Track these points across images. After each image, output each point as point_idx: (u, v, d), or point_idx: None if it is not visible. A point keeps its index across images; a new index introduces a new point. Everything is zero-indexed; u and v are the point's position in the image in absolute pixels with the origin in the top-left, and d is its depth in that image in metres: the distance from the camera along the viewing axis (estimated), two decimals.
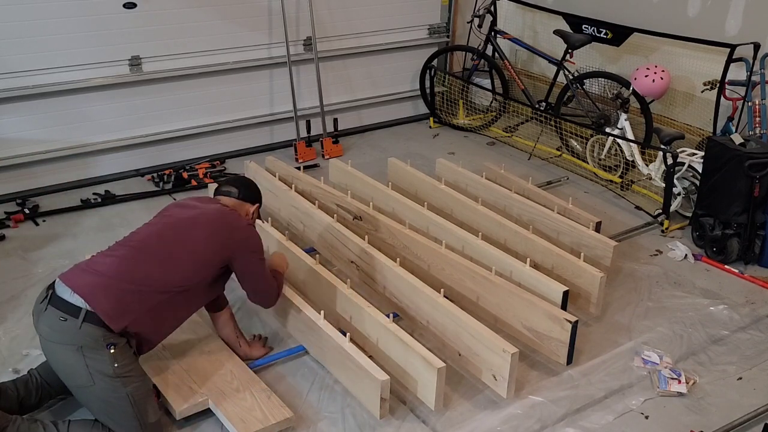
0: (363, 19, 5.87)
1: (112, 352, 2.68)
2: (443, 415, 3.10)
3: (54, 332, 2.69)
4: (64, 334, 2.67)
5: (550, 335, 3.33)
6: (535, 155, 5.70)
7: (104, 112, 4.98)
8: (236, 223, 3.06)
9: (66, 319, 2.67)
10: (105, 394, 2.70)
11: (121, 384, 2.70)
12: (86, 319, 2.67)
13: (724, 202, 4.24)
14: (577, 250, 3.99)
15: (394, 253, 3.91)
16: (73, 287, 2.72)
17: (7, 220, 4.49)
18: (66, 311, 2.68)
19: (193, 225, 2.97)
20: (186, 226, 2.97)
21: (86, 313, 2.67)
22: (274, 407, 2.95)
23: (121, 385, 2.70)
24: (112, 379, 2.68)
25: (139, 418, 2.75)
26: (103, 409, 2.75)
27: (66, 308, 2.69)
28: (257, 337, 3.46)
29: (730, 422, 3.11)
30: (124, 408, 2.72)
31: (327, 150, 5.63)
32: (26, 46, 4.56)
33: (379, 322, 3.22)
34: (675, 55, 5.34)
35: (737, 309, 3.90)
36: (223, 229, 2.99)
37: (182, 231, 2.95)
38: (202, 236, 2.94)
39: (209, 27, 5.17)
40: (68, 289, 2.72)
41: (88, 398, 2.76)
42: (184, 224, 2.98)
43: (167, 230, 2.97)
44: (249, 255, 3.06)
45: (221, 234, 2.98)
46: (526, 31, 6.39)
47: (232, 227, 3.03)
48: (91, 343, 2.66)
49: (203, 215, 3.02)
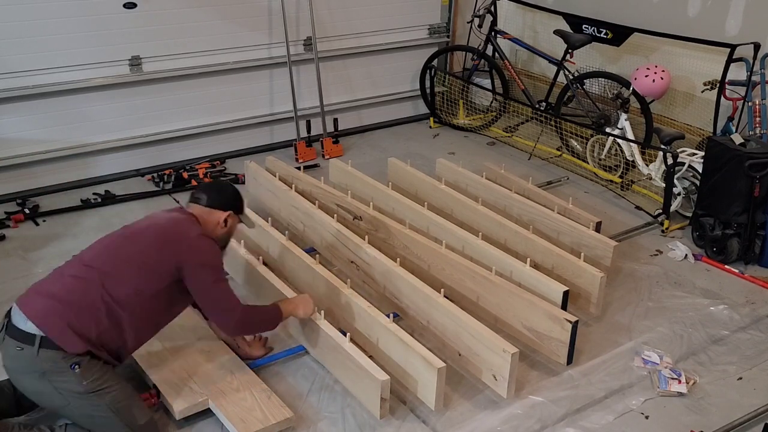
0: (363, 19, 5.87)
1: (77, 372, 2.62)
2: (443, 415, 3.10)
3: (14, 362, 2.66)
4: (24, 362, 2.63)
5: (550, 335, 3.33)
6: (535, 155, 5.70)
7: (104, 112, 4.98)
8: (185, 233, 2.88)
9: (22, 348, 2.61)
10: (83, 410, 2.68)
11: (96, 398, 2.65)
12: (42, 345, 2.60)
13: (724, 202, 4.24)
14: (577, 250, 3.99)
15: (394, 253, 3.91)
16: (27, 314, 2.65)
17: (7, 220, 4.50)
18: (21, 340, 2.62)
19: (142, 236, 2.87)
20: (135, 238, 2.87)
21: (41, 339, 2.60)
22: (274, 407, 2.95)
23: (97, 399, 2.65)
24: (86, 396, 2.64)
25: (128, 423, 2.71)
26: (90, 423, 2.73)
27: (21, 337, 2.62)
28: (257, 338, 3.43)
29: (730, 422, 3.11)
30: (109, 418, 2.68)
31: (327, 150, 5.63)
32: (26, 46, 4.56)
33: (379, 322, 3.22)
34: (675, 55, 5.34)
35: (737, 309, 3.90)
36: (168, 239, 2.85)
37: (131, 243, 2.85)
38: (146, 246, 2.83)
39: (209, 27, 5.17)
40: (23, 316, 2.65)
41: (71, 416, 2.74)
42: (134, 236, 2.88)
43: (118, 244, 2.87)
44: (197, 268, 2.84)
45: (165, 244, 2.84)
46: (526, 31, 6.39)
47: (179, 237, 2.87)
48: (53, 367, 2.61)
49: (154, 225, 2.92)
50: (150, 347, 3.19)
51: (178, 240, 2.86)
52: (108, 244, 2.88)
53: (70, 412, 2.71)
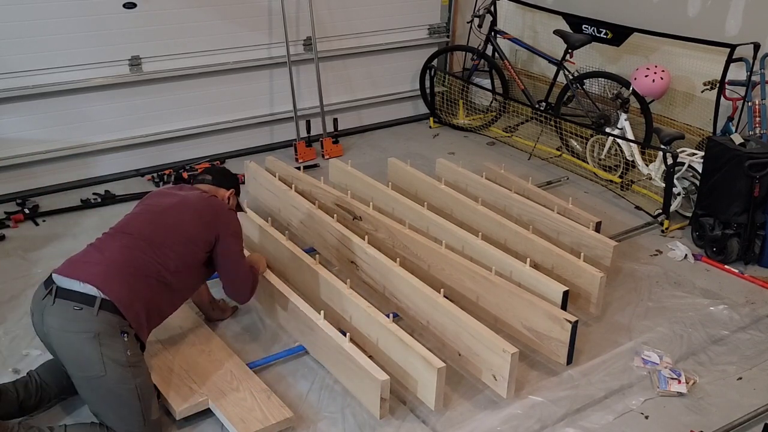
0: (363, 19, 5.87)
1: (126, 340, 2.73)
2: (443, 415, 3.10)
3: (68, 322, 2.70)
4: (80, 323, 2.69)
5: (550, 335, 3.33)
6: (535, 155, 5.70)
7: (104, 112, 4.99)
8: (218, 206, 3.20)
9: (81, 308, 2.70)
10: (115, 384, 2.70)
11: (131, 375, 2.72)
12: (102, 307, 2.71)
13: (724, 202, 4.24)
14: (577, 250, 3.99)
15: (394, 253, 3.91)
16: (83, 279, 2.75)
17: (7, 220, 4.50)
18: (80, 301, 2.71)
19: (180, 210, 3.09)
20: (174, 212, 3.08)
21: (101, 301, 2.71)
22: (274, 407, 2.95)
23: (132, 376, 2.72)
24: (124, 368, 2.70)
25: (144, 413, 2.75)
26: (110, 403, 2.74)
27: (79, 298, 2.72)
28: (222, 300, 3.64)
29: (730, 422, 3.11)
30: (131, 401, 2.72)
31: (327, 150, 5.63)
32: (26, 46, 4.56)
33: (379, 322, 3.22)
34: (675, 55, 5.34)
35: (737, 309, 3.90)
36: (207, 212, 3.13)
37: (171, 217, 3.06)
38: (189, 220, 3.06)
39: (209, 27, 5.17)
40: (76, 281, 2.75)
41: (96, 391, 2.73)
42: (172, 211, 3.09)
43: (157, 218, 3.06)
44: (230, 238, 3.15)
45: (206, 216, 3.11)
46: (526, 31, 6.39)
47: (215, 209, 3.17)
48: (108, 330, 2.70)
49: (186, 200, 3.14)
50: (150, 347, 3.20)
51: (216, 213, 3.15)
52: (148, 219, 3.06)
53: (98, 385, 2.71)
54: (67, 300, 2.72)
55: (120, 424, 2.75)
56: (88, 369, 2.70)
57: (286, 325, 3.52)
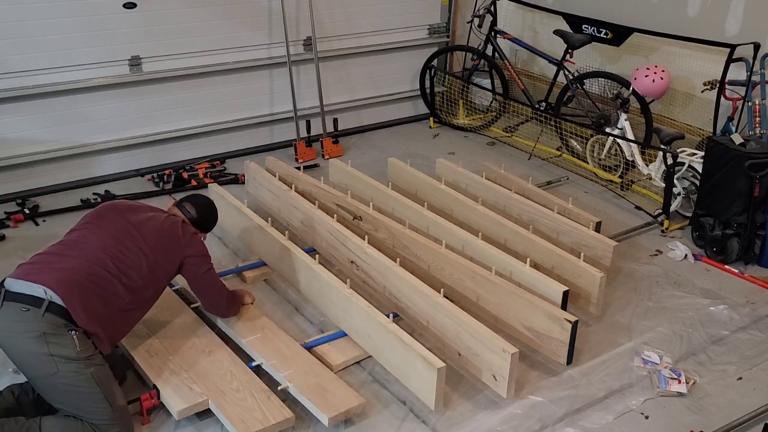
0: (363, 19, 5.87)
1: (74, 336, 2.73)
2: (443, 415, 3.10)
3: (15, 323, 2.72)
4: (27, 323, 2.70)
5: (550, 335, 3.33)
6: (535, 155, 5.70)
7: (104, 112, 4.98)
8: (183, 233, 3.18)
9: (28, 309, 2.70)
10: (69, 379, 2.71)
11: (84, 365, 2.72)
12: (48, 309, 2.71)
13: (724, 202, 4.24)
14: (577, 250, 3.99)
15: (393, 253, 3.91)
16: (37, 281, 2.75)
17: (7, 220, 4.50)
18: (27, 302, 2.72)
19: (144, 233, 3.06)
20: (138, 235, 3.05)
21: (48, 303, 2.72)
22: (274, 407, 2.94)
23: (84, 367, 2.72)
24: (75, 362, 2.71)
25: (108, 399, 2.76)
26: (71, 398, 2.75)
27: (27, 300, 2.72)
28: None
29: (730, 422, 3.11)
30: (91, 390, 2.73)
31: (327, 150, 5.63)
32: (26, 46, 4.56)
33: (378, 322, 3.22)
34: (675, 55, 5.34)
35: (737, 309, 3.90)
36: (172, 241, 3.12)
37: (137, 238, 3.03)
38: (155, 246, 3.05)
39: (209, 27, 5.17)
40: (28, 283, 2.76)
41: (54, 389, 2.75)
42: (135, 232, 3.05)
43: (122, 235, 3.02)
44: (194, 259, 3.18)
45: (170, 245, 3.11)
46: (526, 31, 6.39)
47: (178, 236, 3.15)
48: (54, 330, 2.70)
49: (153, 223, 3.12)
50: (150, 347, 3.20)
51: (178, 240, 3.15)
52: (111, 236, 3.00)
53: (54, 383, 2.72)
54: (16, 302, 2.73)
55: (89, 415, 2.75)
56: (39, 368, 2.72)
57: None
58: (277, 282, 3.97)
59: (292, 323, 3.65)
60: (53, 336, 2.69)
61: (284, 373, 3.10)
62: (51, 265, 2.86)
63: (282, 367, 3.14)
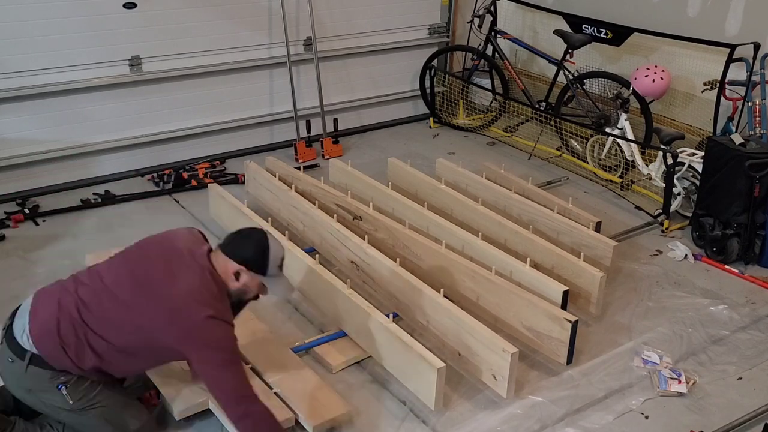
0: (363, 19, 5.87)
1: (64, 393, 2.58)
2: (443, 415, 3.10)
3: (5, 372, 2.64)
4: (13, 376, 2.62)
5: (550, 335, 3.33)
6: (535, 155, 5.70)
7: (104, 112, 4.98)
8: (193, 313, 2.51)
9: (13, 361, 2.57)
10: (73, 420, 2.68)
11: (85, 413, 2.64)
12: (31, 362, 2.55)
13: (724, 202, 4.24)
14: (577, 250, 3.99)
15: (394, 253, 3.91)
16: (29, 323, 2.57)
17: (7, 220, 4.49)
18: (14, 352, 2.57)
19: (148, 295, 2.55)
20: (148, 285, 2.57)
21: (31, 356, 2.55)
22: (273, 408, 2.94)
23: (85, 412, 2.64)
24: (74, 412, 2.63)
25: (123, 428, 2.70)
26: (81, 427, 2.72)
27: (15, 349, 2.57)
28: None
29: (730, 422, 3.11)
30: (100, 427, 2.67)
31: (327, 150, 5.63)
32: (26, 46, 4.56)
33: (379, 322, 3.22)
34: (675, 55, 5.34)
35: (737, 309, 3.90)
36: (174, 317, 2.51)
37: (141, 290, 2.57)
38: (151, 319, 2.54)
39: (209, 27, 5.17)
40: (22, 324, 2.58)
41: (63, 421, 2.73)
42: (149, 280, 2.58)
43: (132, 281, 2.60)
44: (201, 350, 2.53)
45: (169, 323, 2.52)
46: (526, 31, 6.39)
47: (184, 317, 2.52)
48: (40, 386, 2.58)
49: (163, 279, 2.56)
50: None
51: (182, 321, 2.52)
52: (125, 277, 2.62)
53: (61, 419, 2.72)
54: (7, 347, 2.59)
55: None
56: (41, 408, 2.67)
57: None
58: None
59: (292, 323, 3.65)
60: (42, 392, 2.59)
61: (272, 378, 3.10)
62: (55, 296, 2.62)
63: (271, 372, 3.13)
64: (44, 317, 2.58)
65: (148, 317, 2.54)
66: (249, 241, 2.71)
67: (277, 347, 3.31)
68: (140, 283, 2.58)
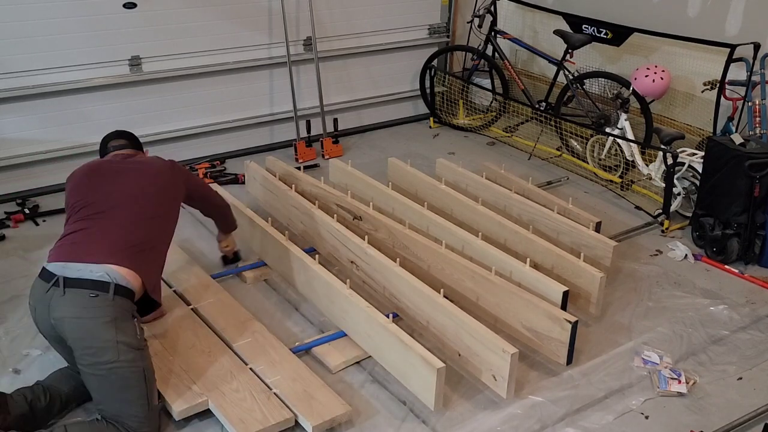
0: (363, 19, 5.87)
1: (136, 322, 2.84)
2: (443, 415, 3.10)
3: (84, 309, 2.73)
4: (97, 309, 2.74)
5: (549, 335, 3.33)
6: (535, 155, 5.70)
7: (104, 112, 4.98)
8: (166, 163, 3.32)
9: (97, 295, 2.75)
10: (125, 369, 2.73)
11: (140, 357, 2.79)
12: (116, 292, 2.78)
13: (724, 202, 4.24)
14: (577, 250, 3.99)
15: (393, 253, 3.91)
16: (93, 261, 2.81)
17: (7, 220, 4.50)
18: (94, 288, 2.76)
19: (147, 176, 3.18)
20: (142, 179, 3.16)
21: (115, 286, 2.78)
22: (273, 408, 2.94)
23: (140, 359, 2.79)
24: (135, 351, 2.77)
25: (148, 397, 2.80)
26: (118, 388, 2.74)
27: (92, 285, 2.76)
28: None
29: (730, 422, 3.11)
30: (139, 384, 2.76)
31: (327, 150, 5.63)
32: (26, 46, 4.56)
33: (378, 322, 3.22)
34: (675, 55, 5.34)
35: (737, 309, 3.90)
36: (164, 172, 3.25)
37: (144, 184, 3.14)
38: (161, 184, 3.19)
39: (209, 27, 5.17)
40: (83, 265, 2.80)
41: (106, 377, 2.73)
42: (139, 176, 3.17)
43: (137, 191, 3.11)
44: (191, 178, 3.47)
45: (167, 176, 3.24)
46: (526, 31, 6.39)
47: (166, 168, 3.28)
48: (123, 314, 2.78)
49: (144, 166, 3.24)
50: (150, 347, 3.19)
51: (169, 170, 3.28)
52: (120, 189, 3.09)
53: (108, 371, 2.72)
54: (80, 288, 2.75)
55: (125, 408, 2.75)
56: (101, 354, 2.72)
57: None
58: (277, 282, 3.97)
59: (292, 323, 3.65)
60: (122, 321, 2.76)
61: (271, 379, 3.10)
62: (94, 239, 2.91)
63: (270, 372, 3.14)
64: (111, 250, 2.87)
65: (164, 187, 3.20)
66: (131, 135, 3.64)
67: (277, 347, 3.31)
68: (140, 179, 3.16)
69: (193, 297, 3.63)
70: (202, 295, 3.65)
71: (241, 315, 3.52)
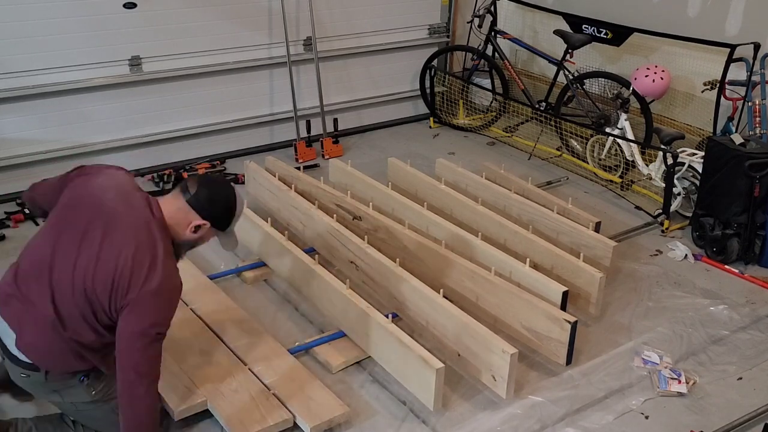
0: (363, 19, 5.87)
1: (85, 384, 2.64)
2: (443, 415, 3.10)
3: (23, 383, 2.66)
4: (34, 386, 2.66)
5: (549, 335, 3.32)
6: (535, 155, 5.69)
7: (104, 112, 4.98)
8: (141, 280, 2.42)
9: (29, 375, 2.58)
10: (91, 414, 2.74)
11: (103, 403, 2.71)
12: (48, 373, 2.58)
13: (724, 202, 4.24)
14: (577, 250, 3.98)
15: (393, 254, 3.91)
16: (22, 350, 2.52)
17: (7, 220, 4.50)
18: (25, 368, 2.56)
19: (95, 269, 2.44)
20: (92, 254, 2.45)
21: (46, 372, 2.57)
22: (272, 408, 2.94)
23: (103, 404, 2.71)
24: (93, 404, 2.70)
25: None
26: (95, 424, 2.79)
27: (25, 365, 2.55)
28: None
29: (730, 422, 3.11)
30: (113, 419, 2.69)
31: (327, 150, 5.63)
32: (26, 46, 4.56)
33: (378, 322, 3.22)
34: (675, 55, 5.33)
35: (737, 309, 3.90)
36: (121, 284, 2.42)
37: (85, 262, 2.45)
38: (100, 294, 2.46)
39: (209, 27, 5.17)
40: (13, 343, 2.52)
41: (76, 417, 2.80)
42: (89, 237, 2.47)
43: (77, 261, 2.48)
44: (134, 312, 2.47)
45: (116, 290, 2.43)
46: (526, 31, 6.39)
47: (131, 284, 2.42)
48: (63, 385, 2.63)
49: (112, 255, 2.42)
50: None
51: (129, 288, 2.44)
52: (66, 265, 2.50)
53: (78, 416, 2.78)
54: (16, 365, 2.56)
55: None
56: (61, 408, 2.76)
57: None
58: (277, 282, 3.97)
59: (291, 323, 3.65)
60: (65, 388, 2.64)
61: (269, 380, 3.10)
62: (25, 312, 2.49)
63: (268, 373, 3.13)
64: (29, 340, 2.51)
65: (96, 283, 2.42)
66: (219, 198, 2.64)
67: (275, 348, 3.31)
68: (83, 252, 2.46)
69: (191, 298, 3.62)
70: (200, 296, 3.65)
71: (239, 316, 3.51)
